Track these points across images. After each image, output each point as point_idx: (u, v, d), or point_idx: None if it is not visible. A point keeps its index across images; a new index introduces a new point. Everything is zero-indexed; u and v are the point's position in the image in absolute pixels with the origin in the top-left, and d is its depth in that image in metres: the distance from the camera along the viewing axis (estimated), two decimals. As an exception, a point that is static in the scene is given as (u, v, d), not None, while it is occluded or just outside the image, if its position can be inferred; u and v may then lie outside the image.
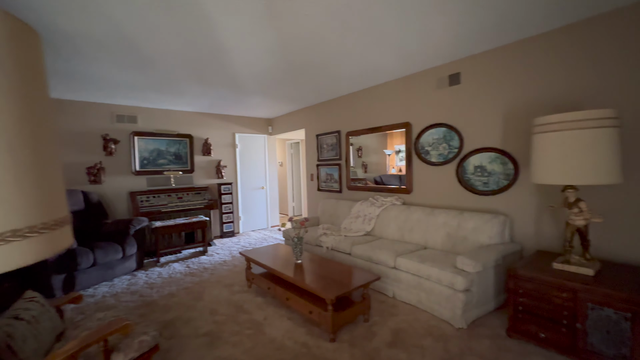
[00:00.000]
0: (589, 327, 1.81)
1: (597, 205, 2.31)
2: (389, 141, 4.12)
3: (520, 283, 2.10)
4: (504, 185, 2.87)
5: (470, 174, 3.13)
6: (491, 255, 2.44)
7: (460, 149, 3.19)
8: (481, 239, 2.75)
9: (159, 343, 1.80)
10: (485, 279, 2.45)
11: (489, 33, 2.57)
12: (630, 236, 2.19)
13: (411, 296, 2.71)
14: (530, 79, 2.66)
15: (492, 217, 2.76)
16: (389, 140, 4.11)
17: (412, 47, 2.85)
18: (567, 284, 1.89)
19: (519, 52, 2.72)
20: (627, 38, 2.17)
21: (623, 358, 1.70)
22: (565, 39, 2.45)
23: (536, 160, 2.10)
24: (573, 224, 2.05)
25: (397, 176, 3.94)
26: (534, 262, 2.24)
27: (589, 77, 2.34)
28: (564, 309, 1.90)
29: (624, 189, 2.20)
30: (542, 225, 2.64)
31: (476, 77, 3.04)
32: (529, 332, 2.07)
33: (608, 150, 1.85)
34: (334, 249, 3.55)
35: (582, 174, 1.89)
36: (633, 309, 1.65)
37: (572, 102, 2.44)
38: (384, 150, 4.14)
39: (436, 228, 3.12)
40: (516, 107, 2.77)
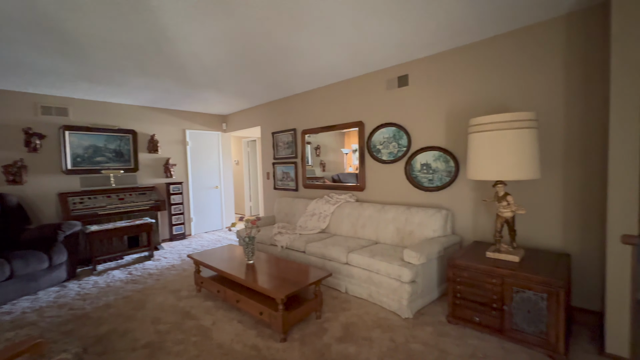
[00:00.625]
0: (514, 308, 2.01)
1: (521, 199, 2.58)
2: (346, 140, 4.18)
3: (458, 272, 2.26)
4: (446, 181, 3.07)
5: (417, 171, 3.30)
6: (434, 247, 2.60)
7: (409, 147, 3.34)
8: (426, 232, 2.91)
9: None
10: (429, 270, 2.60)
11: (431, 38, 2.72)
12: (547, 225, 2.47)
13: (362, 290, 2.78)
14: (469, 83, 2.87)
15: (435, 211, 2.94)
16: (346, 139, 4.17)
17: (364, 48, 2.92)
18: (496, 270, 2.07)
19: (458, 58, 2.92)
20: (544, 50, 2.44)
21: (540, 333, 1.91)
22: (496, 48, 2.68)
23: (471, 158, 2.27)
24: (502, 216, 2.25)
25: (354, 174, 4.02)
26: (471, 252, 2.42)
27: (516, 82, 2.59)
28: (494, 294, 2.09)
29: (542, 183, 2.48)
30: (478, 218, 2.87)
31: (422, 80, 3.21)
32: (466, 317, 2.23)
33: (530, 148, 2.06)
34: (289, 248, 3.52)
35: (509, 170, 2.09)
36: (548, 290, 1.86)
37: (503, 104, 2.68)
38: (342, 149, 4.20)
39: (386, 223, 3.24)
40: (457, 109, 2.97)
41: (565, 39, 2.35)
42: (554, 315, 1.85)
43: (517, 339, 2.00)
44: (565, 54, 2.35)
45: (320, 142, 4.42)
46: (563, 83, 2.38)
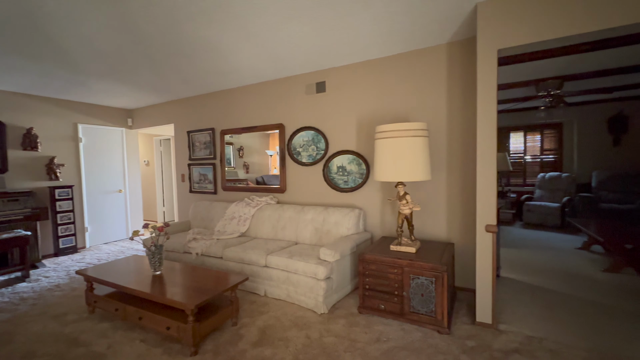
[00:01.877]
0: (411, 293, 2.30)
1: (417, 198, 2.97)
2: (271, 142, 4.14)
3: (367, 266, 2.47)
4: (359, 183, 3.33)
5: (334, 173, 3.49)
6: (348, 244, 2.78)
7: (326, 150, 3.51)
8: (341, 231, 3.10)
9: None
10: (343, 266, 2.77)
11: (347, 49, 2.92)
12: (436, 220, 2.91)
13: (281, 291, 2.80)
14: (377, 93, 3.18)
15: (349, 211, 3.16)
16: (271, 141, 4.13)
17: (282, 52, 2.95)
18: (397, 261, 2.33)
19: (369, 70, 3.21)
20: (433, 70, 2.87)
21: (431, 312, 2.23)
22: (399, 64, 3.04)
23: (377, 162, 2.52)
24: (402, 213, 2.56)
25: (278, 176, 4.00)
26: (378, 246, 2.67)
27: (414, 96, 2.98)
28: (396, 282, 2.35)
29: (432, 184, 2.91)
30: (385, 216, 3.19)
31: (338, 87, 3.41)
32: (374, 306, 2.46)
33: (423, 154, 2.39)
34: (205, 255, 3.31)
35: (407, 172, 2.38)
36: (435, 275, 2.19)
37: (405, 114, 3.05)
38: (267, 151, 4.14)
39: (305, 224, 3.33)
40: (367, 116, 3.25)
41: (447, 63, 2.80)
42: (439, 295, 2.18)
43: (414, 320, 2.30)
44: (448, 75, 2.81)
45: (243, 143, 4.29)
46: (446, 99, 2.83)
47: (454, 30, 2.56)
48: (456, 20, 2.40)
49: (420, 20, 2.38)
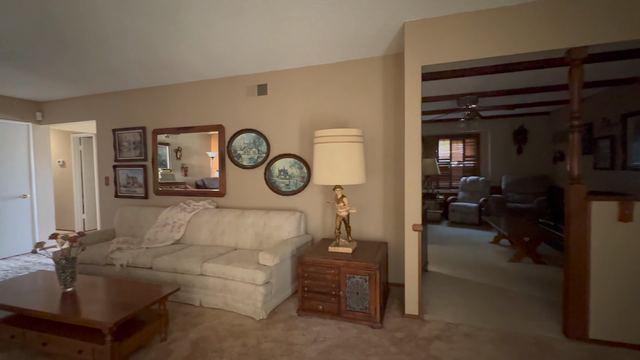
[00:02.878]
0: (348, 292, 2.39)
1: (355, 200, 3.12)
2: (212, 143, 3.93)
3: (305, 268, 2.50)
4: (300, 186, 3.36)
5: (275, 176, 3.47)
6: (288, 247, 2.79)
7: (268, 153, 3.48)
8: (282, 234, 3.10)
9: None
10: (283, 269, 2.76)
11: (287, 54, 2.94)
12: (373, 221, 3.09)
13: (218, 300, 2.68)
14: (318, 98, 3.26)
15: (291, 214, 3.17)
16: (213, 142, 3.92)
17: (219, 51, 2.85)
18: (334, 262, 2.41)
19: (310, 75, 3.27)
20: (370, 80, 3.05)
21: (365, 309, 2.35)
22: (340, 72, 3.16)
23: (315, 165, 2.58)
24: (340, 215, 2.65)
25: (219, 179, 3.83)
26: (318, 248, 2.73)
27: (353, 103, 3.13)
28: (333, 283, 2.42)
29: (369, 187, 3.08)
30: (326, 218, 3.28)
31: (280, 91, 3.41)
32: (312, 308, 2.50)
33: (358, 159, 2.52)
34: (131, 266, 3.00)
35: (344, 176, 2.48)
36: (368, 273, 2.32)
37: (345, 120, 3.18)
38: (208, 153, 3.92)
39: (245, 229, 3.25)
40: (309, 120, 3.31)
41: (382, 74, 3.01)
42: (373, 292, 2.32)
43: (350, 318, 2.39)
44: (383, 86, 3.02)
45: (182, 143, 4.01)
46: (382, 108, 3.04)
47: (387, 44, 2.76)
48: (388, 36, 2.60)
49: (355, 32, 2.51)
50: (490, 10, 2.18)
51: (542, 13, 2.08)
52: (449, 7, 2.17)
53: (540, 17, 2.08)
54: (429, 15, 2.28)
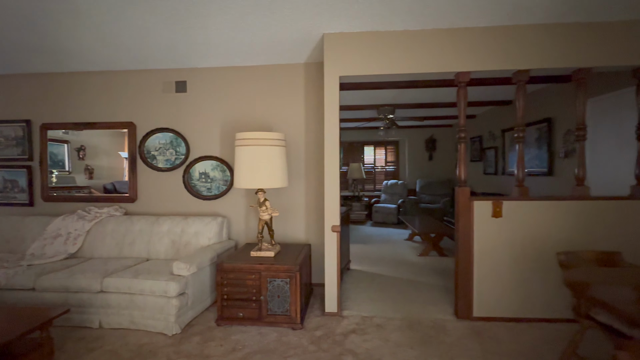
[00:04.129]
0: (269, 296, 2.38)
1: (279, 203, 3.14)
2: (127, 142, 3.47)
3: (225, 275, 2.41)
4: (223, 190, 3.23)
5: (196, 180, 3.27)
6: (207, 255, 2.64)
7: (187, 155, 3.25)
8: (202, 241, 2.92)
9: None
10: (201, 278, 2.61)
11: (208, 51, 2.81)
12: (297, 223, 3.14)
13: (122, 319, 2.38)
14: (242, 100, 3.19)
15: (212, 219, 3.01)
16: (127, 141, 3.47)
17: (127, 40, 2.57)
18: (255, 267, 2.38)
19: (234, 76, 3.18)
20: (293, 85, 3.11)
21: (286, 311, 2.37)
22: (264, 75, 3.15)
23: (237, 169, 2.51)
24: (262, 219, 2.63)
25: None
26: (239, 254, 2.65)
27: (278, 106, 3.14)
28: (254, 288, 2.38)
29: (293, 190, 3.14)
30: (250, 222, 3.21)
31: (201, 89, 3.23)
32: (232, 316, 2.41)
33: (280, 162, 2.54)
34: (6, 288, 2.47)
35: (265, 179, 2.47)
36: (289, 275, 2.34)
37: (269, 123, 3.17)
38: (120, 153, 3.44)
39: (160, 237, 2.97)
40: (232, 122, 3.21)
41: (305, 81, 3.11)
42: (293, 294, 2.35)
43: (271, 322, 2.38)
44: (305, 92, 3.11)
45: (85, 141, 3.44)
46: (304, 113, 3.12)
47: (309, 52, 2.86)
48: (309, 45, 2.69)
49: (276, 37, 2.54)
50: (396, 32, 2.44)
51: (436, 39, 2.42)
52: (363, 24, 2.36)
53: (435, 43, 2.42)
54: (346, 29, 2.44)
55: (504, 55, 2.38)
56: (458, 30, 2.40)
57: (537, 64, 2.36)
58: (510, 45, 2.37)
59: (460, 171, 2.48)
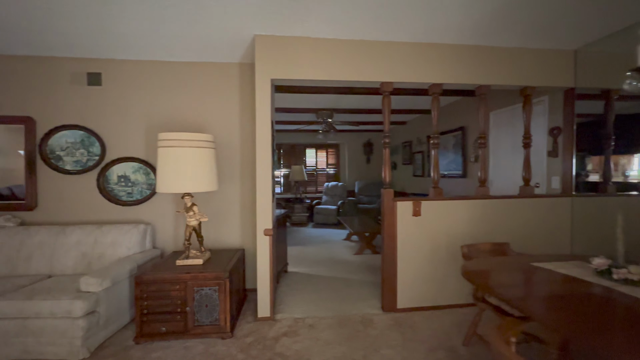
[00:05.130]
0: (196, 307, 2.25)
1: (212, 208, 3.00)
2: (24, 140, 2.92)
3: (145, 288, 2.21)
4: (147, 194, 2.96)
5: (114, 184, 2.94)
6: (125, 267, 2.39)
7: (103, 156, 2.91)
8: (120, 251, 2.64)
9: None
10: (118, 293, 2.35)
11: (125, 41, 2.55)
12: (230, 228, 3.04)
13: (12, 349, 2.02)
14: (171, 97, 2.96)
15: (132, 227, 2.74)
16: (24, 139, 2.91)
17: (16, 20, 2.20)
18: (180, 276, 2.23)
19: (159, 70, 2.94)
20: (227, 85, 3.01)
21: (215, 321, 2.26)
22: (194, 73, 2.97)
23: (160, 171, 2.33)
24: (189, 225, 2.48)
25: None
26: (163, 264, 2.46)
27: (210, 107, 3.00)
28: (179, 299, 2.23)
29: (226, 194, 3.02)
30: (179, 229, 3.00)
31: (121, 83, 2.92)
32: (154, 332, 2.22)
33: (208, 165, 2.42)
34: None
35: (193, 183, 2.33)
36: (218, 283, 2.25)
37: (200, 124, 3.00)
38: (21, 152, 2.87)
39: (67, 249, 2.60)
40: (160, 121, 2.97)
41: (239, 81, 3.03)
42: (222, 302, 2.26)
43: (198, 334, 2.25)
44: (240, 92, 3.03)
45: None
46: (239, 114, 3.04)
47: (242, 52, 2.79)
48: (242, 45, 2.63)
49: (205, 34, 2.43)
50: (327, 39, 2.53)
51: (363, 50, 2.56)
52: (293, 29, 2.39)
53: (362, 53, 2.56)
54: (277, 32, 2.44)
55: (420, 69, 2.63)
56: (381, 43, 2.58)
57: (447, 79, 2.66)
58: (425, 60, 2.63)
59: (385, 174, 2.67)
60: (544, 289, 1.44)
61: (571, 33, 2.48)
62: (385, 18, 2.23)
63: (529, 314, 1.19)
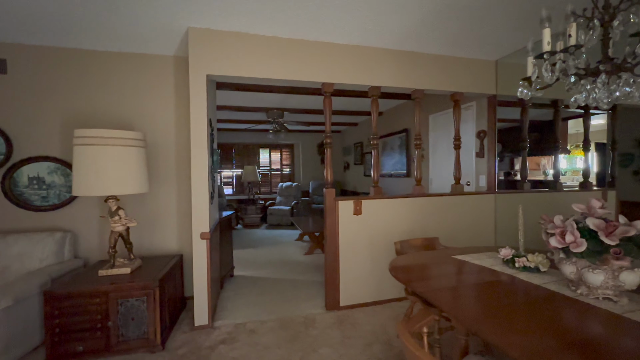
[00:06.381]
0: (120, 320, 2.05)
1: (143, 211, 2.77)
2: None
3: (57, 304, 1.96)
4: (66, 198, 2.65)
5: (24, 186, 2.57)
6: (33, 281, 2.10)
7: (9, 155, 2.53)
8: (30, 264, 2.32)
9: None
10: (23, 312, 2.05)
11: (33, 26, 2.24)
12: (165, 233, 2.84)
13: None
14: (92, 92, 2.67)
15: (46, 235, 2.43)
16: None
17: None
18: (100, 288, 2.01)
19: (78, 59, 2.64)
20: (159, 79, 2.80)
21: (143, 334, 2.09)
22: (117, 64, 2.72)
23: (76, 172, 2.08)
24: (115, 231, 2.26)
25: None
26: (83, 275, 2.20)
27: (139, 102, 2.76)
28: (98, 313, 2.01)
29: (159, 196, 2.82)
30: (105, 236, 2.72)
31: (32, 72, 2.57)
32: (69, 352, 1.98)
33: (136, 165, 2.23)
34: None
35: (118, 185, 2.13)
36: (147, 293, 2.08)
37: (127, 121, 2.75)
38: None
39: (-42, 264, 2.21)
40: (80, 117, 2.66)
41: (174, 76, 2.84)
42: (152, 313, 2.09)
43: (123, 350, 2.05)
44: (175, 88, 2.84)
45: None
46: (174, 111, 2.85)
47: (176, 45, 2.62)
48: (175, 37, 2.47)
49: (133, 22, 2.23)
50: (266, 36, 2.48)
51: (304, 50, 2.56)
52: (230, 24, 2.30)
53: (303, 53, 2.56)
54: (213, 26, 2.33)
55: (359, 71, 2.70)
56: (321, 44, 2.60)
57: (385, 82, 2.76)
58: (363, 63, 2.71)
59: (327, 174, 2.69)
60: (457, 280, 1.55)
61: (492, 45, 2.73)
62: (322, 18, 2.25)
63: (437, 304, 1.26)
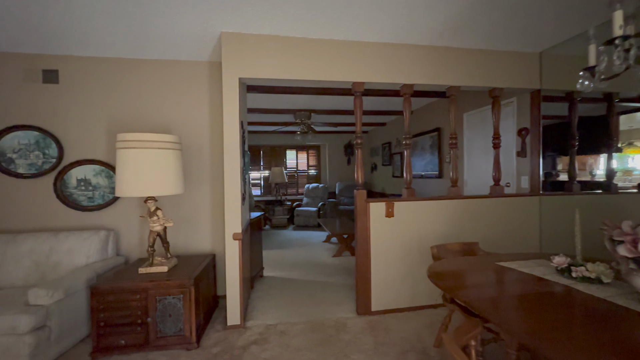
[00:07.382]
0: (158, 317, 2.13)
1: (178, 212, 2.87)
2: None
3: (102, 298, 2.07)
4: (110, 199, 2.80)
5: (73, 188, 2.76)
6: (82, 276, 2.24)
7: (60, 159, 2.73)
8: (78, 260, 2.48)
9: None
10: (73, 305, 2.19)
11: (82, 37, 2.40)
12: (199, 233, 2.92)
13: (-52, 371, 1.84)
14: (135, 97, 2.82)
15: (92, 234, 2.58)
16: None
17: (-43, 11, 2.02)
18: (140, 285, 2.10)
19: (121, 68, 2.79)
20: (196, 84, 2.90)
21: (179, 331, 2.15)
22: (160, 70, 2.84)
23: (119, 174, 2.20)
24: (153, 230, 2.35)
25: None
26: (124, 272, 2.32)
27: (177, 106, 2.88)
28: (139, 309, 2.10)
29: (193, 197, 2.90)
30: (144, 235, 2.85)
31: (80, 81, 2.76)
32: (112, 345, 2.08)
33: (173, 167, 2.31)
34: None
35: (157, 186, 2.21)
36: (182, 291, 2.14)
37: (167, 125, 2.87)
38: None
39: (18, 259, 2.41)
40: (122, 121, 2.82)
41: (209, 80, 2.92)
42: (187, 311, 2.15)
43: (161, 346, 2.13)
44: (210, 92, 2.93)
45: None
46: (209, 115, 2.93)
47: (210, 50, 2.69)
48: (209, 42, 2.54)
49: (167, 30, 2.32)
50: (296, 38, 2.47)
51: (333, 50, 2.53)
52: (261, 27, 2.32)
53: (333, 52, 2.53)
54: (244, 30, 2.36)
55: (391, 69, 2.62)
56: (351, 43, 2.55)
57: (418, 80, 2.66)
58: (395, 61, 2.63)
59: (358, 175, 2.63)
60: (506, 289, 1.43)
61: (535, 35, 2.54)
62: (351, 17, 2.20)
63: (485, 315, 1.17)
